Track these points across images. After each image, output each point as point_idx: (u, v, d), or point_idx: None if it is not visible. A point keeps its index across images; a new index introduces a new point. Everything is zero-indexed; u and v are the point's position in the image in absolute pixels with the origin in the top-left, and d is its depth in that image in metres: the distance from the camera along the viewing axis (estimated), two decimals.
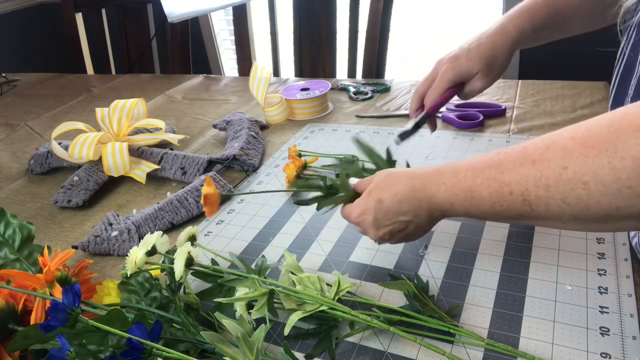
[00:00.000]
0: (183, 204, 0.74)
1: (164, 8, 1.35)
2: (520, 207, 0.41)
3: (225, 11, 2.37)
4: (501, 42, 0.66)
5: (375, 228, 0.52)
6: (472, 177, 0.45)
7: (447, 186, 0.47)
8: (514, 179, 0.41)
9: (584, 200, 0.37)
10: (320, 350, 0.49)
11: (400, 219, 0.51)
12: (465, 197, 0.45)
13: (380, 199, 0.51)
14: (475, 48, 0.67)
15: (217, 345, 0.42)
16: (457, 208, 0.47)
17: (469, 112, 0.93)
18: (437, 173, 0.49)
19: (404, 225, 0.51)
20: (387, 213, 0.51)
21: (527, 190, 0.40)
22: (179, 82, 1.38)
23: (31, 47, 2.58)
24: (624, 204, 0.35)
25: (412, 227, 0.51)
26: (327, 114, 1.04)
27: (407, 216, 0.50)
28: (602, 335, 0.47)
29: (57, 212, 0.82)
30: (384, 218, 0.51)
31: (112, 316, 0.44)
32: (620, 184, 0.35)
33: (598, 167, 0.35)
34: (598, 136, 0.36)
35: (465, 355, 0.47)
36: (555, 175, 0.38)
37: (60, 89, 1.46)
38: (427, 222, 0.51)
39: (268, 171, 0.85)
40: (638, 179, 0.34)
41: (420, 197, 0.49)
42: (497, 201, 0.43)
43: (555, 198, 0.38)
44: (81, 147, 0.86)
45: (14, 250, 0.58)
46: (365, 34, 1.35)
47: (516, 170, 0.41)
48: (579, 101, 0.95)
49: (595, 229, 0.41)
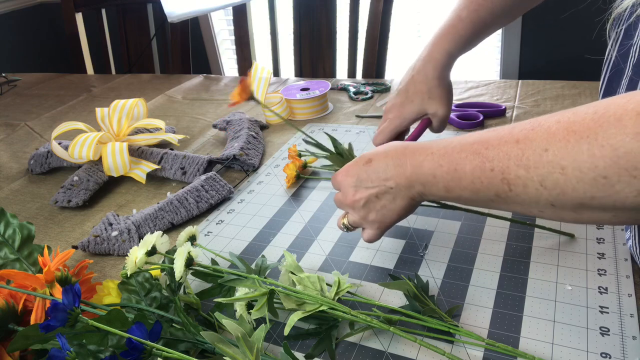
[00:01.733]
0: (183, 204, 0.74)
1: (164, 8, 1.35)
2: (499, 186, 0.41)
3: (225, 11, 2.37)
4: (432, 70, 0.67)
5: (354, 189, 0.52)
6: (458, 150, 0.44)
7: (434, 156, 0.47)
8: (496, 155, 0.41)
9: (560, 185, 0.37)
10: (320, 350, 0.49)
11: (382, 182, 0.50)
12: (448, 169, 0.45)
13: (370, 160, 0.52)
14: (412, 88, 0.68)
15: (217, 345, 0.42)
16: (438, 181, 0.46)
17: (469, 112, 0.93)
18: (430, 143, 0.48)
19: (383, 190, 0.50)
20: (372, 174, 0.51)
21: (507, 168, 0.40)
22: (179, 82, 1.38)
23: (31, 47, 2.58)
24: (599, 194, 0.35)
25: (389, 199, 0.51)
26: (327, 114, 1.04)
27: (389, 182, 0.50)
28: (602, 335, 0.47)
29: (57, 212, 0.82)
30: (367, 179, 0.51)
31: (112, 316, 0.44)
32: (596, 172, 0.34)
33: (577, 153, 0.35)
34: (582, 122, 0.36)
35: (466, 355, 0.47)
36: (535, 156, 0.38)
37: (60, 89, 1.46)
38: (404, 200, 0.50)
39: (268, 171, 0.85)
40: (614, 170, 0.34)
41: (406, 163, 0.49)
42: (478, 177, 0.42)
43: (534, 180, 0.38)
44: (81, 147, 0.86)
45: (14, 250, 0.58)
46: (365, 34, 1.35)
47: (500, 148, 0.40)
48: (579, 101, 0.95)
49: (570, 218, 0.40)
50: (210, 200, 0.75)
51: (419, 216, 0.67)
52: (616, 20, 0.54)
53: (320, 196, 0.75)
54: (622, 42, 0.52)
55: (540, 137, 0.38)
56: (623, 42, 0.52)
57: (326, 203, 0.73)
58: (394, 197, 0.50)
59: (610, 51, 0.57)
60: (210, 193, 0.76)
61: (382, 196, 0.51)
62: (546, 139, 0.37)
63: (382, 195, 0.51)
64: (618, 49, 0.53)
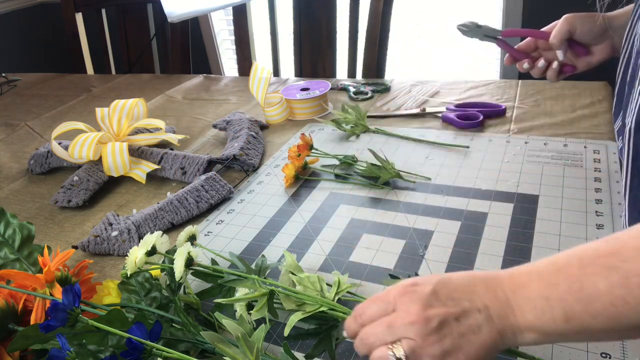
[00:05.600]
0: (183, 204, 0.74)
1: (164, 8, 1.35)
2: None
3: (225, 11, 2.37)
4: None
5: (422, 304, 0.37)
6: (578, 265, 0.35)
7: (542, 276, 0.36)
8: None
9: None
10: (320, 350, 0.49)
11: (470, 297, 0.37)
12: (569, 288, 0.34)
13: (445, 277, 0.39)
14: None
15: (217, 345, 0.42)
16: (555, 307, 0.34)
17: (469, 112, 0.93)
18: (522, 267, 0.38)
19: (468, 312, 0.37)
20: (453, 289, 0.38)
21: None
22: (179, 82, 1.38)
23: (31, 47, 2.58)
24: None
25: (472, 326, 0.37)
26: (327, 114, 1.04)
27: (478, 300, 0.37)
28: None
29: (57, 212, 0.82)
30: (445, 293, 0.38)
31: (112, 316, 0.45)
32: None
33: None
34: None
35: None
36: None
37: (60, 89, 1.46)
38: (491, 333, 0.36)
39: (268, 171, 0.85)
40: None
41: (501, 284, 0.37)
42: (621, 296, 0.32)
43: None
44: (81, 147, 0.86)
45: (14, 250, 0.58)
46: (365, 34, 1.35)
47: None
48: (579, 101, 0.95)
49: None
50: (210, 200, 0.75)
51: (419, 216, 0.67)
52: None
53: (320, 196, 0.75)
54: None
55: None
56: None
57: (326, 203, 0.73)
58: (480, 324, 0.36)
59: (625, 53, 0.57)
60: (210, 193, 0.76)
61: (465, 320, 0.37)
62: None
63: (464, 318, 0.37)
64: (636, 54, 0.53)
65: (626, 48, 0.58)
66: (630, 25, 0.57)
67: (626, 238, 0.34)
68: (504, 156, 0.79)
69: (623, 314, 0.32)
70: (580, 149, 0.78)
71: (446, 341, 0.36)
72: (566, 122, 0.88)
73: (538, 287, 0.35)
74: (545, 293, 0.35)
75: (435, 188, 0.73)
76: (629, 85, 0.54)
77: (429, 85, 1.12)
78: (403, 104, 1.05)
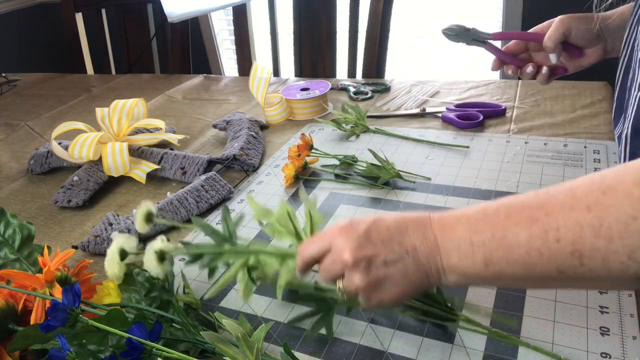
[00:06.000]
0: (183, 204, 0.74)
1: (164, 8, 1.35)
2: (566, 260, 0.34)
3: (225, 11, 2.37)
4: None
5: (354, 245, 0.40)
6: (505, 214, 0.37)
7: (470, 220, 0.38)
8: (563, 224, 0.34)
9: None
10: (319, 328, 0.49)
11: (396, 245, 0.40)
12: (493, 235, 0.36)
13: (378, 218, 0.41)
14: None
15: (217, 345, 0.42)
16: (476, 251, 0.37)
17: (469, 112, 0.93)
18: (454, 211, 0.40)
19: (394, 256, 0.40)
20: (383, 232, 0.40)
21: (581, 239, 0.34)
22: (179, 82, 1.38)
23: (31, 47, 2.58)
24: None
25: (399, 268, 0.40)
26: (327, 114, 1.04)
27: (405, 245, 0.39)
28: (602, 335, 0.47)
29: (57, 212, 0.82)
30: (376, 234, 0.40)
31: (112, 316, 0.45)
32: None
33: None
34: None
35: (466, 354, 0.47)
36: (620, 225, 0.32)
37: (60, 89, 1.46)
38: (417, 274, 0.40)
39: (268, 171, 0.85)
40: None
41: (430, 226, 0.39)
42: (537, 248, 0.35)
43: (619, 252, 0.33)
44: (81, 147, 0.86)
45: (14, 250, 0.58)
46: (365, 34, 1.35)
47: (566, 215, 0.34)
48: (579, 101, 0.95)
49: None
50: (210, 200, 0.75)
51: None
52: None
53: (320, 196, 0.75)
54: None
55: (622, 203, 0.33)
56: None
57: (326, 203, 0.73)
58: (406, 266, 0.40)
59: (623, 49, 0.57)
60: (210, 193, 0.76)
61: (392, 263, 0.40)
62: (631, 206, 0.32)
63: (391, 260, 0.40)
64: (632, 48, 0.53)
65: (625, 52, 0.58)
66: (629, 29, 0.57)
67: (555, 193, 0.36)
68: (504, 156, 0.79)
69: (537, 264, 0.35)
70: (580, 149, 0.78)
71: (373, 281, 0.40)
72: (566, 122, 0.88)
73: (464, 230, 0.38)
74: (470, 237, 0.37)
75: (435, 188, 0.73)
76: (629, 91, 0.54)
77: (429, 85, 1.12)
78: (403, 104, 1.05)
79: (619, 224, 0.33)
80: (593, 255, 0.34)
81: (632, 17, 0.56)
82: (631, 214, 0.32)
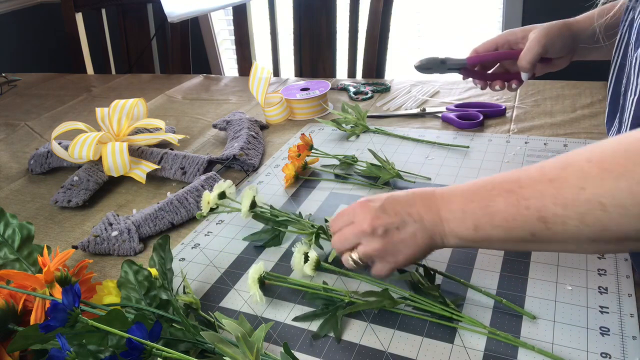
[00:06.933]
0: (183, 204, 0.74)
1: (164, 8, 1.35)
2: (535, 225, 0.41)
3: (225, 11, 2.37)
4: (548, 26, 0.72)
5: (373, 215, 0.49)
6: (490, 188, 0.44)
7: (464, 193, 0.46)
8: (532, 194, 0.41)
9: (602, 222, 0.37)
10: (327, 330, 0.51)
11: (407, 214, 0.48)
12: (480, 205, 0.44)
13: (393, 194, 0.50)
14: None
15: (217, 345, 0.42)
16: (467, 218, 0.45)
17: (469, 112, 0.93)
18: (456, 185, 0.48)
19: (405, 222, 0.48)
20: (396, 205, 0.49)
21: (544, 206, 0.40)
22: (179, 82, 1.38)
23: (31, 47, 2.58)
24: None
25: (410, 233, 0.48)
26: (327, 114, 1.04)
27: (414, 215, 0.48)
28: (602, 335, 0.47)
29: (57, 212, 0.82)
30: (390, 209, 0.48)
31: (112, 316, 0.44)
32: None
33: (616, 190, 0.36)
34: (613, 160, 0.37)
35: (466, 355, 0.47)
36: (572, 194, 0.38)
37: (60, 89, 1.46)
38: (425, 238, 0.48)
39: (268, 171, 0.85)
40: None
41: (434, 199, 0.48)
42: (512, 215, 0.42)
43: (572, 217, 0.38)
44: (81, 147, 0.86)
45: (14, 250, 0.58)
46: (365, 34, 1.35)
47: (534, 187, 0.41)
48: (579, 101, 0.95)
49: (608, 249, 0.41)
50: None
51: None
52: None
53: (320, 196, 0.75)
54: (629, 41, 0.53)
55: (575, 176, 0.38)
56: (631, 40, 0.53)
57: (326, 203, 0.73)
58: (416, 232, 0.48)
59: (615, 51, 0.57)
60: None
61: (404, 229, 0.48)
62: (582, 178, 0.38)
63: (403, 227, 0.48)
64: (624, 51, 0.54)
65: (617, 57, 0.58)
66: (620, 35, 0.57)
67: (529, 170, 0.42)
68: (504, 156, 0.79)
69: (514, 228, 0.42)
70: None
71: (389, 245, 0.48)
72: (566, 122, 0.88)
73: (459, 202, 0.46)
74: (463, 207, 0.45)
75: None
76: (624, 96, 0.54)
77: (428, 85, 1.12)
78: (403, 104, 1.05)
79: (572, 193, 0.38)
80: (554, 220, 0.39)
81: (622, 23, 0.57)
82: (580, 184, 0.38)
